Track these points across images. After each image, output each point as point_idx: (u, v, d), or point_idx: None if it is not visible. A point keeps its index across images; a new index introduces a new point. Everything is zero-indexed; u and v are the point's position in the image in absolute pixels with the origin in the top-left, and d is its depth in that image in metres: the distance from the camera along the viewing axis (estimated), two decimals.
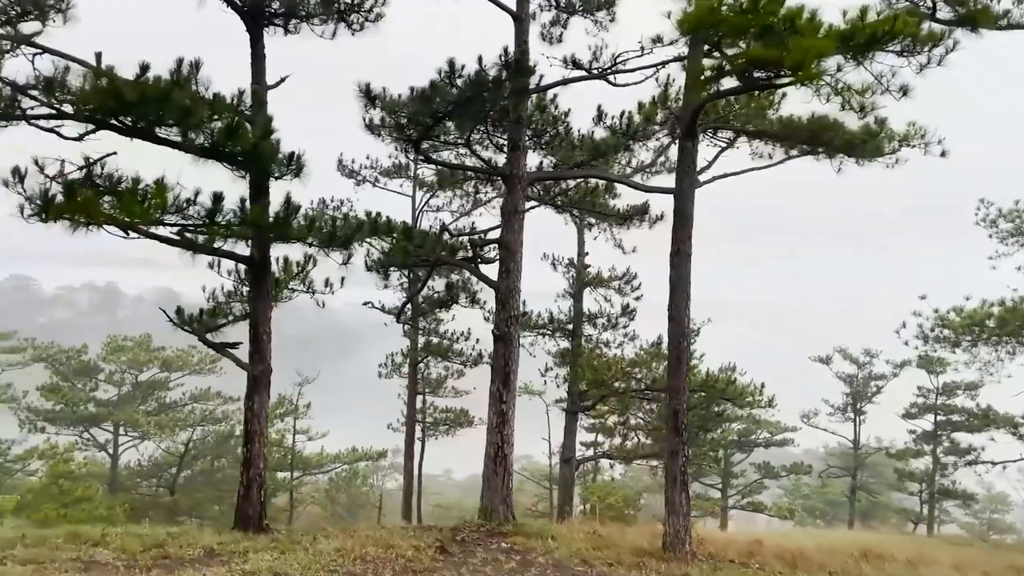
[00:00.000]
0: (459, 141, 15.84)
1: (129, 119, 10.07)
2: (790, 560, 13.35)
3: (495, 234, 17.62)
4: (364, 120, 17.84)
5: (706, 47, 11.33)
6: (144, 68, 9.75)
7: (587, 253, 25.88)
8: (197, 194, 10.00)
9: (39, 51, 10.49)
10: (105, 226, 9.58)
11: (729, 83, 11.88)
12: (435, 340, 27.43)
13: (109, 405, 36.21)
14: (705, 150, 17.97)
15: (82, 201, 8.90)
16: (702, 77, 11.33)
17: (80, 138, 9.90)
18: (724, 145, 17.01)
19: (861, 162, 12.87)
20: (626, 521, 30.03)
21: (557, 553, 11.29)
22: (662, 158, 17.18)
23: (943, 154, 14.34)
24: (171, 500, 34.08)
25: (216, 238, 10.26)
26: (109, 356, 36.67)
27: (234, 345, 12.99)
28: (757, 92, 13.90)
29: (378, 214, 16.56)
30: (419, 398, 29.40)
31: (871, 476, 54.04)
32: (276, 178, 11.20)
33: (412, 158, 26.55)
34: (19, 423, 34.66)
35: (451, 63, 11.85)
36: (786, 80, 8.91)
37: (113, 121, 10.15)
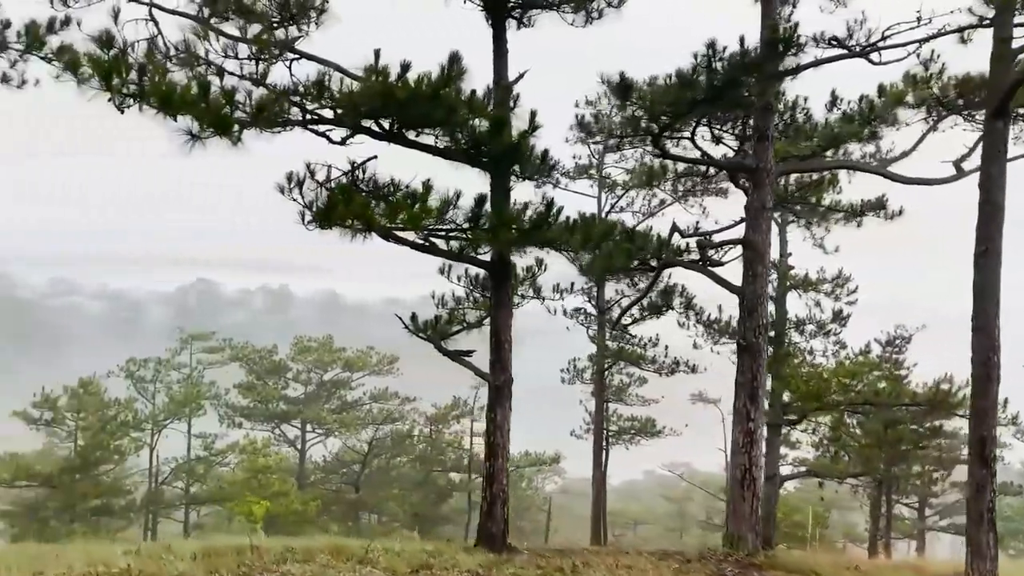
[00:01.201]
0: (685, 135, 14.72)
1: (387, 122, 9.74)
2: None
3: (723, 235, 16.33)
4: (577, 118, 17.17)
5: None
6: (405, 67, 9.34)
7: (790, 253, 23.93)
8: (458, 196, 9.50)
9: (296, 56, 10.36)
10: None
11: None
12: (623, 346, 26.28)
13: (298, 403, 37.90)
14: (963, 135, 15.96)
15: (356, 207, 8.56)
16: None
17: (342, 142, 9.66)
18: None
19: None
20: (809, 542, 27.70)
21: None
22: (920, 144, 15.21)
23: None
24: (355, 497, 35.08)
25: (480, 243, 9.71)
26: (297, 356, 38.36)
27: (468, 353, 12.52)
28: None
29: (592, 215, 15.77)
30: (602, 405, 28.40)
31: None
32: (526, 178, 10.55)
33: (600, 157, 25.76)
34: (219, 418, 36.90)
35: (711, 44, 10.72)
36: None
37: (370, 125, 9.87)
